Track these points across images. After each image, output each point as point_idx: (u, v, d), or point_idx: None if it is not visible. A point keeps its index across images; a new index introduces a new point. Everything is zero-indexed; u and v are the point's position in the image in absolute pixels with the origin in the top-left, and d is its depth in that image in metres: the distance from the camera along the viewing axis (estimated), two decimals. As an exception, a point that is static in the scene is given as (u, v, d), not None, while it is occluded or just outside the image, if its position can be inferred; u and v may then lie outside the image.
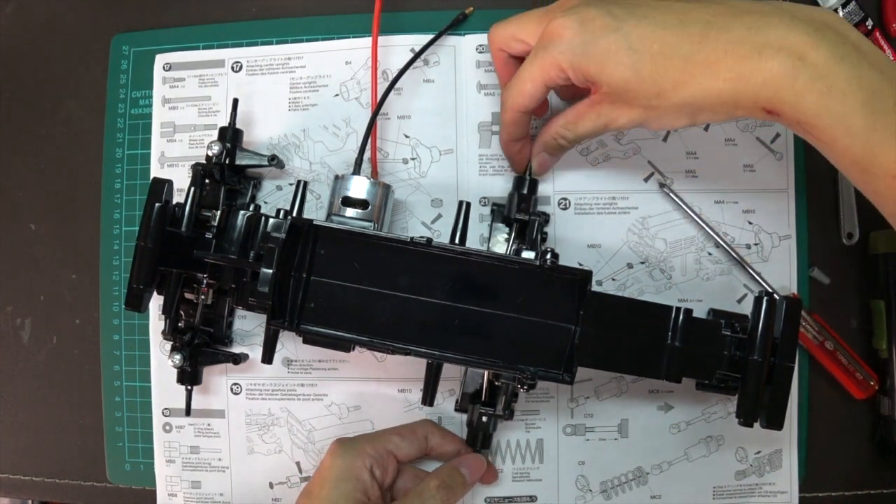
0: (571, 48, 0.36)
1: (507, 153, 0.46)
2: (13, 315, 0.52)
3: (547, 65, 0.37)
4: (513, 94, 0.40)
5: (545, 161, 0.45)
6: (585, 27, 0.35)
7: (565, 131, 0.41)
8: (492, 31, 0.43)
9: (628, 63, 0.35)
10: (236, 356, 0.48)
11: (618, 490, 0.48)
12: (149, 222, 0.41)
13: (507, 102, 0.41)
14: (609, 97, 0.37)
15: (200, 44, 0.51)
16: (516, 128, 0.43)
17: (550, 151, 0.44)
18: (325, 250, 0.41)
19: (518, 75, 0.40)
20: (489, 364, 0.40)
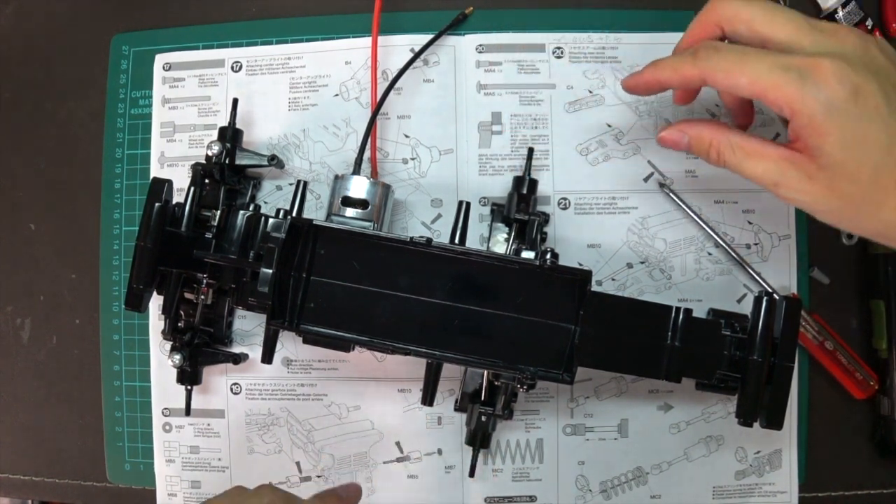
0: (828, 107, 0.31)
1: (652, 76, 0.37)
2: (13, 315, 0.52)
3: (788, 91, 0.31)
4: (722, 66, 0.33)
5: (673, 140, 0.38)
6: (856, 99, 0.31)
7: (731, 154, 0.35)
8: (724, 3, 0.35)
9: (870, 160, 0.31)
10: (236, 356, 0.48)
11: (617, 490, 0.48)
12: (149, 222, 0.41)
13: (707, 66, 0.34)
14: (811, 169, 0.32)
15: (200, 44, 0.51)
16: (687, 88, 0.39)
17: (694, 149, 0.37)
18: (324, 250, 0.41)
19: (743, 61, 0.33)
20: (489, 364, 0.40)
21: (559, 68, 0.49)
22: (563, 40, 0.49)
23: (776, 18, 0.33)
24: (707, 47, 0.34)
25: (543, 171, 0.48)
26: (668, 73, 0.36)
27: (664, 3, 0.50)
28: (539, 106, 0.48)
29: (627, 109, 0.48)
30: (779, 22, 0.33)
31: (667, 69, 0.36)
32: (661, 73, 0.36)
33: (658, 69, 0.37)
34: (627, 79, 0.39)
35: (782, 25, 0.33)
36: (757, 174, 0.34)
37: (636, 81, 0.38)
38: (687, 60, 0.35)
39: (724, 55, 0.33)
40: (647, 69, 0.37)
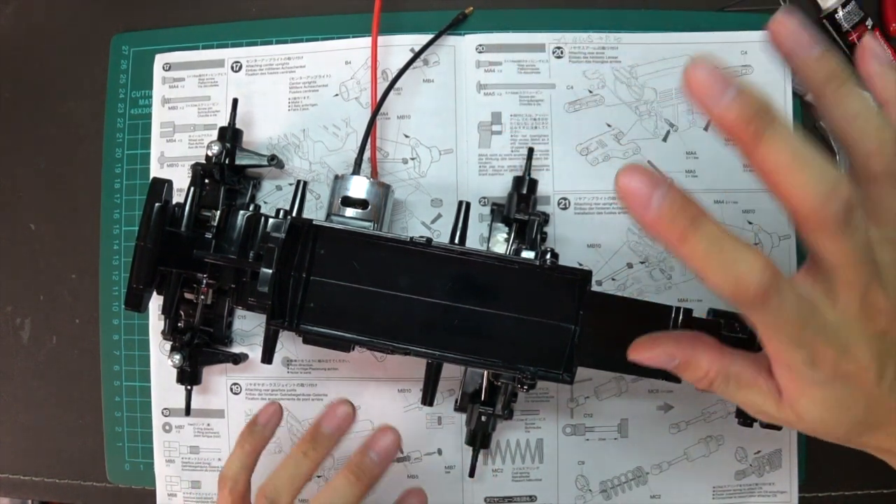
0: (817, 382, 0.29)
1: None
2: (13, 315, 0.52)
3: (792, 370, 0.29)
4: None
5: (655, 362, 0.34)
6: (847, 380, 0.28)
7: (724, 386, 0.32)
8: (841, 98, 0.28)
9: (846, 421, 0.30)
10: (236, 356, 0.48)
11: (617, 490, 0.48)
12: (148, 222, 0.41)
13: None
14: (792, 418, 0.31)
15: (200, 44, 0.51)
16: None
17: (679, 370, 0.33)
18: (324, 250, 0.41)
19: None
20: (489, 364, 0.40)
21: (559, 68, 0.49)
22: (563, 40, 0.49)
23: (844, 273, 0.27)
24: (756, 304, 0.27)
25: (543, 171, 0.48)
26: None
27: (664, 3, 0.50)
28: (539, 106, 0.48)
29: (627, 109, 0.48)
30: (842, 279, 0.27)
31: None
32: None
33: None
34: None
35: (843, 285, 0.27)
36: (742, 402, 0.32)
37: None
38: (737, 301, 0.27)
39: (766, 323, 0.28)
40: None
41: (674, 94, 0.48)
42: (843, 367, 0.28)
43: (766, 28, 0.28)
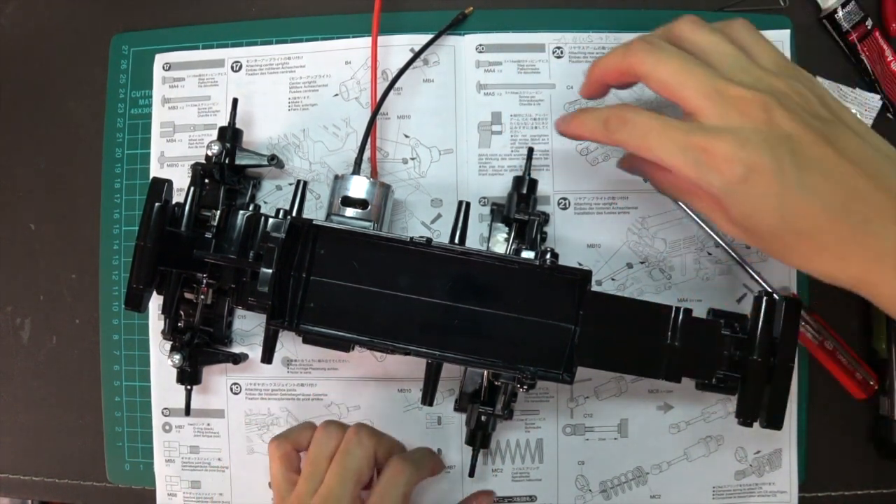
0: (723, 190, 0.32)
1: (577, 131, 0.40)
2: (13, 315, 0.52)
3: (688, 173, 0.33)
4: (631, 142, 0.35)
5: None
6: (748, 179, 0.32)
7: (679, 193, 0.38)
8: (645, 57, 0.35)
9: (769, 226, 0.33)
10: (236, 356, 0.48)
11: (617, 490, 0.48)
12: (148, 222, 0.41)
13: (619, 136, 0.36)
14: (724, 214, 0.34)
15: (200, 44, 0.51)
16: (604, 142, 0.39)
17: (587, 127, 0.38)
18: (324, 250, 0.41)
19: (646, 138, 0.34)
20: (489, 364, 0.40)
21: (559, 68, 0.49)
22: (563, 40, 0.49)
23: (686, 84, 0.33)
24: (617, 117, 0.36)
25: (543, 171, 0.48)
26: (587, 132, 0.38)
27: (664, 3, 0.50)
28: (539, 106, 0.48)
29: (627, 109, 0.48)
30: (688, 88, 0.33)
31: (585, 127, 0.38)
32: (583, 128, 0.38)
33: (581, 124, 0.38)
34: (559, 121, 0.40)
35: (691, 93, 0.33)
36: (695, 208, 0.36)
37: (563, 129, 0.40)
38: (599, 128, 0.37)
39: (631, 130, 0.35)
40: (574, 120, 0.39)
41: (674, 94, 0.48)
42: (739, 159, 0.32)
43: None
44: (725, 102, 0.33)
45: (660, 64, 0.34)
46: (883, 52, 0.48)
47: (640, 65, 0.35)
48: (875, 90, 0.49)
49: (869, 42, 0.49)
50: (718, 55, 0.35)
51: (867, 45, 0.49)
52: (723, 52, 0.35)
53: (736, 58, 0.34)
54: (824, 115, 0.33)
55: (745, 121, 0.32)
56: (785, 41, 0.48)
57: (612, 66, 0.37)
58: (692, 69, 0.34)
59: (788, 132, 0.32)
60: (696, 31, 0.36)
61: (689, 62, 0.34)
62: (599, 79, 0.39)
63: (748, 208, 0.32)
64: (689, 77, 0.33)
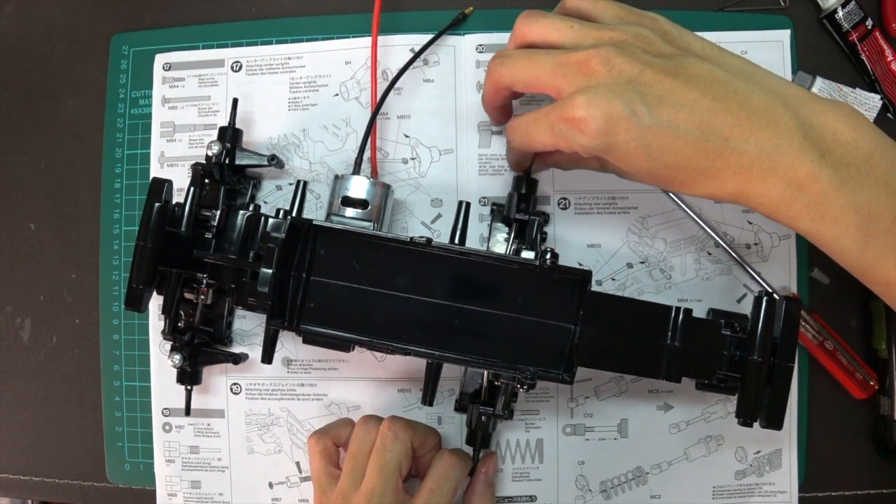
0: (592, 145, 0.34)
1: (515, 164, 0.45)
2: (13, 315, 0.52)
3: (557, 143, 0.36)
4: (520, 141, 0.39)
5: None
6: (608, 127, 0.33)
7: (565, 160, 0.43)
8: (498, 71, 0.39)
9: (644, 167, 0.35)
10: (236, 356, 0.48)
11: (617, 490, 0.48)
12: (148, 222, 0.41)
13: (515, 144, 0.40)
14: (610, 169, 0.39)
15: (200, 43, 0.51)
16: (522, 157, 0.43)
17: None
18: (324, 250, 0.41)
19: (529, 130, 0.37)
20: (489, 364, 0.40)
21: (559, 68, 0.48)
22: (563, 40, 0.49)
23: (537, 73, 0.36)
24: (508, 130, 0.40)
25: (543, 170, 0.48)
26: (513, 162, 0.43)
27: (664, 4, 0.50)
28: (539, 106, 0.48)
29: (627, 109, 0.48)
30: (540, 76, 0.36)
31: (510, 159, 0.43)
32: (509, 160, 0.43)
33: (513, 163, 0.44)
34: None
35: (544, 79, 0.36)
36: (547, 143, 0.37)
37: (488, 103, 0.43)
38: (511, 143, 0.40)
39: (520, 135, 0.38)
40: (510, 158, 0.45)
41: (674, 94, 0.48)
42: (593, 117, 0.33)
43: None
44: (569, 71, 0.35)
45: (511, 69, 0.37)
46: (883, 52, 0.48)
47: (500, 79, 0.38)
48: (875, 90, 0.49)
49: (869, 42, 0.49)
50: (559, 35, 0.37)
51: (867, 45, 0.48)
52: (561, 30, 0.37)
53: (574, 29, 0.37)
54: (667, 50, 0.35)
55: (591, 79, 0.34)
56: (785, 41, 0.48)
57: (489, 93, 0.41)
58: (536, 58, 0.36)
59: (631, 76, 0.34)
60: (534, 23, 0.38)
61: (531, 54, 0.37)
62: (491, 105, 0.42)
63: (619, 155, 0.35)
64: (535, 66, 0.36)
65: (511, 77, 0.38)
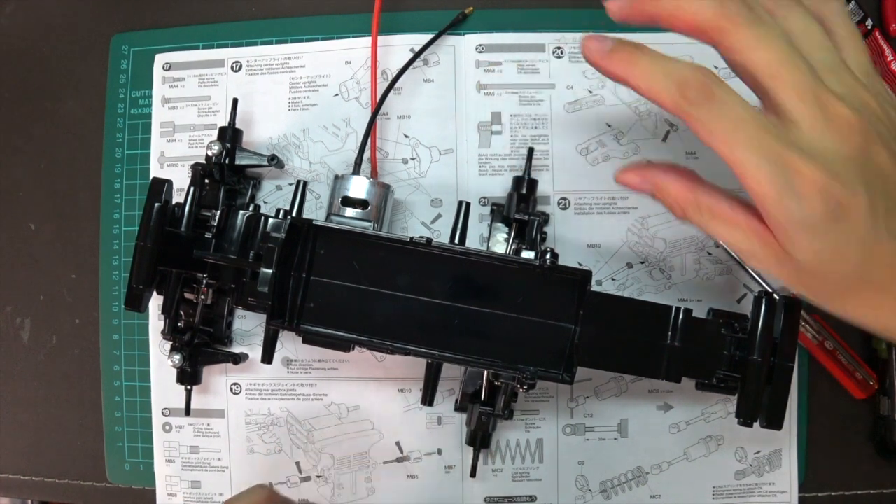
0: (804, 223, 0.27)
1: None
2: (13, 315, 0.52)
3: (766, 190, 0.28)
4: (709, 126, 0.28)
5: (634, 185, 0.33)
6: (836, 218, 0.27)
7: (697, 215, 0.31)
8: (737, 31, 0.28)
9: (840, 276, 0.29)
10: (236, 356, 0.48)
11: (617, 490, 0.48)
12: (148, 222, 0.41)
13: (696, 119, 0.29)
14: (781, 254, 0.29)
15: (200, 44, 0.51)
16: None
17: (658, 198, 0.33)
18: (324, 250, 0.41)
19: (732, 131, 0.28)
20: (489, 364, 0.40)
21: (559, 68, 0.49)
22: (563, 40, 0.49)
23: (784, 79, 0.28)
24: (701, 86, 0.28)
25: (543, 171, 0.48)
26: (649, 86, 0.29)
27: (664, 3, 0.50)
28: (539, 106, 0.48)
29: (627, 109, 0.48)
30: (785, 85, 0.28)
31: (649, 79, 0.29)
32: (645, 79, 0.29)
33: (645, 74, 0.29)
34: (599, 50, 0.31)
35: (788, 92, 0.28)
36: (725, 240, 0.31)
37: (608, 66, 0.31)
38: (669, 90, 0.28)
39: (717, 114, 0.28)
40: (630, 60, 0.30)
41: (674, 94, 0.48)
42: (832, 192, 0.26)
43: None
44: (825, 117, 0.27)
45: (761, 44, 0.28)
46: (883, 52, 0.48)
47: (733, 33, 0.28)
48: (875, 90, 0.49)
49: (869, 42, 0.49)
50: (810, 45, 0.29)
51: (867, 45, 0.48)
52: (815, 43, 0.29)
53: (828, 53, 0.29)
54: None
55: (843, 145, 0.27)
56: (785, 41, 0.48)
57: (689, 14, 0.28)
58: (795, 63, 0.28)
59: (884, 170, 0.28)
60: (788, 5, 0.29)
61: (793, 53, 0.28)
62: (655, 14, 0.29)
63: (823, 250, 0.28)
64: (789, 72, 0.28)
65: (751, 49, 0.28)
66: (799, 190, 0.27)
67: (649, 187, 0.33)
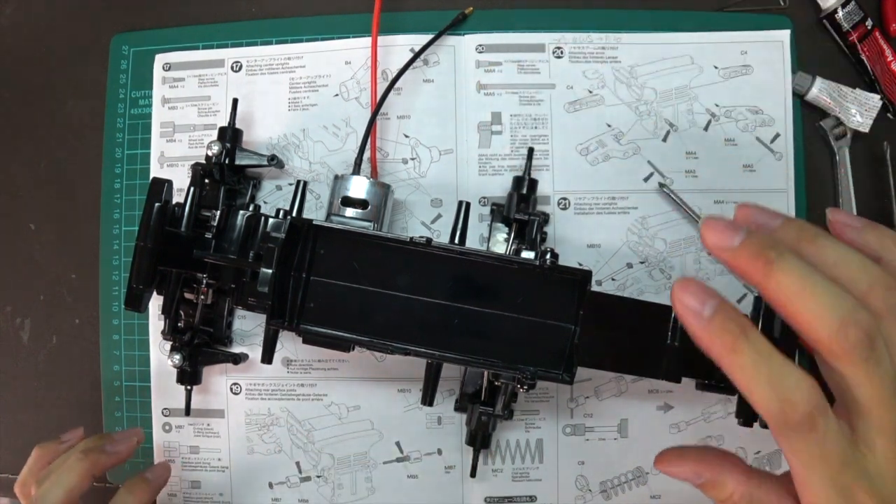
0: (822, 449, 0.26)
1: None
2: (13, 315, 0.52)
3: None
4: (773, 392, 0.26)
5: (679, 475, 0.32)
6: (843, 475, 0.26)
7: None
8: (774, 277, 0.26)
9: None
10: (236, 356, 0.48)
11: (617, 490, 0.48)
12: (148, 222, 0.41)
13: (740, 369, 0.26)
14: None
15: (200, 44, 0.51)
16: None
17: (704, 489, 0.31)
18: (324, 250, 0.41)
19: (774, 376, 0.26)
20: (489, 364, 0.40)
21: (559, 68, 0.49)
22: (563, 40, 0.49)
23: (882, 418, 0.26)
24: (801, 429, 0.26)
25: (543, 171, 0.48)
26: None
27: (664, 3, 0.50)
28: (539, 106, 0.48)
29: (627, 109, 0.48)
30: (882, 422, 0.26)
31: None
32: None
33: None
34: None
35: (882, 430, 0.26)
36: None
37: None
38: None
39: (806, 450, 0.26)
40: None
41: (673, 94, 0.48)
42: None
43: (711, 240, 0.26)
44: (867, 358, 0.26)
45: (867, 382, 0.26)
46: (883, 52, 0.48)
47: (845, 363, 0.26)
48: (875, 90, 0.49)
49: (869, 42, 0.49)
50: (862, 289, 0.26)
51: (867, 45, 0.49)
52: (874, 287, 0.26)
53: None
54: None
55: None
56: (785, 41, 0.48)
57: (807, 320, 0.26)
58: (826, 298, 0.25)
59: None
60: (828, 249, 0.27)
61: (825, 289, 0.25)
62: (764, 287, 0.26)
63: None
64: (888, 412, 0.26)
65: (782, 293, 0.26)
66: (804, 428, 0.26)
67: (700, 482, 0.31)
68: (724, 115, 0.48)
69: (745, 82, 0.48)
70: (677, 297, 0.26)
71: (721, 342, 0.26)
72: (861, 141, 0.49)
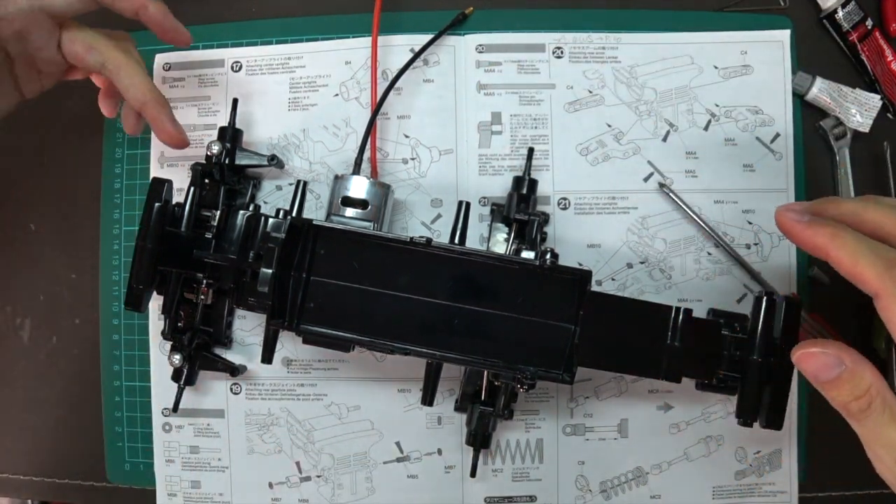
0: None
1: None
2: (13, 315, 0.52)
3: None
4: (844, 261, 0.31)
5: (825, 367, 0.34)
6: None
7: (879, 412, 0.32)
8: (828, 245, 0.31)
9: None
10: (234, 368, 0.47)
11: (617, 490, 0.48)
12: (148, 222, 0.41)
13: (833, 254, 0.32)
14: None
15: (200, 44, 0.51)
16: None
17: (842, 380, 0.34)
18: (324, 250, 0.41)
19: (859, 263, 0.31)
20: (489, 364, 0.40)
21: (559, 68, 0.49)
22: (563, 40, 0.49)
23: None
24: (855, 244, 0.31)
25: (543, 171, 0.48)
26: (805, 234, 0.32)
27: (664, 3, 0.50)
28: (539, 106, 0.48)
29: (627, 109, 0.48)
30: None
31: (812, 231, 0.32)
32: (811, 232, 0.32)
33: (806, 226, 0.32)
34: (784, 213, 0.34)
35: None
36: (892, 440, 0.31)
37: (800, 235, 0.33)
38: (886, 279, 0.31)
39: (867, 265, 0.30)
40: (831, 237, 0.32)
41: (673, 94, 0.48)
42: None
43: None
44: None
45: (840, 249, 0.31)
46: (883, 52, 0.48)
47: (888, 302, 0.31)
48: (875, 90, 0.49)
49: (869, 42, 0.49)
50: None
51: (867, 45, 0.49)
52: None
53: None
54: None
55: None
56: (785, 41, 0.48)
57: (857, 270, 0.31)
58: (867, 255, 0.31)
59: None
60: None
61: (869, 248, 0.31)
62: (823, 249, 0.32)
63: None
64: (861, 262, 0.31)
65: (836, 256, 0.31)
66: None
67: (839, 371, 0.33)
68: (724, 115, 0.48)
69: (745, 82, 0.48)
70: (781, 213, 0.33)
71: (822, 233, 0.31)
72: (861, 141, 0.49)
